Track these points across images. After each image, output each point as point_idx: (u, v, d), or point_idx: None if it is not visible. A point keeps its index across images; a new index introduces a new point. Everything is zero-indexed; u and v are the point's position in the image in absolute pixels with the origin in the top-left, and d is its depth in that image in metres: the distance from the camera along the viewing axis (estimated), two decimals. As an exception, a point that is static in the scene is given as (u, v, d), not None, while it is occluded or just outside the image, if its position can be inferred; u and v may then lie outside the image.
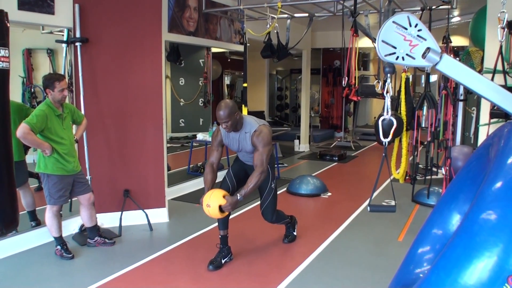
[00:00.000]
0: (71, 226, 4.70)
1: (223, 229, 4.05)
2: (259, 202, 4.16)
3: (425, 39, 1.62)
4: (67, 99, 4.08)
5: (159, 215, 5.15)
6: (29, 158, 4.65)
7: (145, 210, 4.97)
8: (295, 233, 4.58)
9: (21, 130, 3.67)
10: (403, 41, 1.63)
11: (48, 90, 3.90)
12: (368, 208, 2.26)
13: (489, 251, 1.46)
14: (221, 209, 3.54)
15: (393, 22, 1.63)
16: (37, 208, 4.60)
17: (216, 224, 4.36)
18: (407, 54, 1.63)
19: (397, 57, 1.64)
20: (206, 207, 3.56)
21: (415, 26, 1.62)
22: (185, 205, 5.91)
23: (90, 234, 4.41)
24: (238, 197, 3.56)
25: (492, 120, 4.66)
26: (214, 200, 3.55)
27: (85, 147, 4.75)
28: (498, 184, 1.63)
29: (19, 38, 5.00)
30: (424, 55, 1.61)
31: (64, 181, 4.04)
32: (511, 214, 1.51)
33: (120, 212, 4.87)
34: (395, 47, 1.64)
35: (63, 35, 4.85)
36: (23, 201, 4.48)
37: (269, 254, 4.32)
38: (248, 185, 3.63)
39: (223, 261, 3.99)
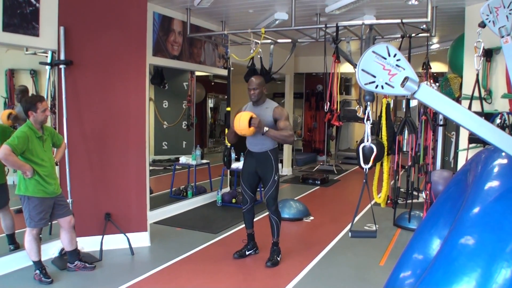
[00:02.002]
0: (50, 250, 4.61)
1: (249, 228, 4.80)
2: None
3: (404, 69, 1.67)
4: (49, 121, 4.05)
5: (141, 239, 5.10)
6: (9, 179, 4.58)
7: (126, 234, 4.91)
8: (278, 259, 4.60)
9: (3, 152, 3.63)
10: (382, 70, 1.67)
11: (31, 112, 3.88)
12: (350, 233, 2.29)
13: (468, 276, 1.48)
14: (250, 123, 4.16)
15: (373, 51, 1.68)
16: (16, 231, 4.51)
17: (197, 249, 4.99)
18: (386, 83, 1.68)
19: (377, 86, 1.69)
20: (237, 121, 4.24)
21: (394, 56, 1.67)
22: (167, 229, 5.85)
23: (70, 258, 4.33)
24: (265, 128, 4.22)
25: (470, 145, 4.76)
26: (245, 114, 4.25)
27: (67, 170, 4.70)
28: (476, 210, 1.67)
29: (2, 58, 4.97)
30: (402, 84, 1.66)
31: (45, 204, 3.98)
32: (488, 239, 1.55)
33: (101, 236, 4.81)
34: (374, 76, 1.68)
35: (47, 56, 4.84)
36: (2, 224, 4.40)
37: (252, 279, 4.30)
38: (277, 130, 4.31)
39: (247, 253, 4.81)
